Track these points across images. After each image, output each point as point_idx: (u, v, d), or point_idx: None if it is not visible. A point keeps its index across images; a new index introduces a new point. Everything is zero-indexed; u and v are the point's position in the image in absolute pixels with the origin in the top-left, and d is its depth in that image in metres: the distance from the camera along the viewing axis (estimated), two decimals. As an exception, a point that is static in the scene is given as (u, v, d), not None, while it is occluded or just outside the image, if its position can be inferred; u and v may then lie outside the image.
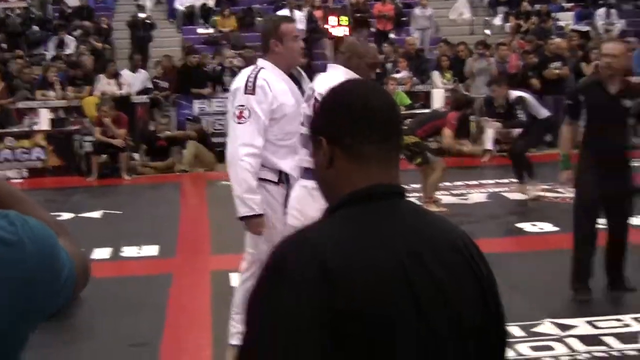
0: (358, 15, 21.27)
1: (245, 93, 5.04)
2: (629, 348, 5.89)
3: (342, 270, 1.64)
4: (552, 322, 6.35)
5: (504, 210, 10.79)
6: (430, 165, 10.57)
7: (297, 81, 5.33)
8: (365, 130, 1.83)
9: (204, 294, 7.56)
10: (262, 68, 5.15)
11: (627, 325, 6.28)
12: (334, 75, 4.91)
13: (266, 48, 5.22)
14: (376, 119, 1.84)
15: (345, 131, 1.83)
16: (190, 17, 22.01)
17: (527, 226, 9.54)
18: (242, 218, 5.08)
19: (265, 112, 5.04)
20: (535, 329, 6.22)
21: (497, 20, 22.05)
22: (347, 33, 16.82)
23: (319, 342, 1.62)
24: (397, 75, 16.79)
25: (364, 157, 1.82)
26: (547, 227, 9.58)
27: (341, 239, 1.70)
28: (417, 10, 21.34)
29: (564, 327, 6.27)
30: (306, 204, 4.81)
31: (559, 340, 6.05)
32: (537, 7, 21.73)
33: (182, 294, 7.61)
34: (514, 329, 6.12)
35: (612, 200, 6.87)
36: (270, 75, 5.11)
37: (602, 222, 6.94)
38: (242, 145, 5.01)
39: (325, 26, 16.56)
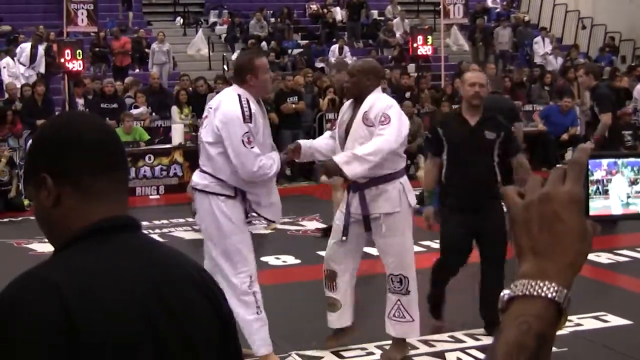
0: (97, 49, 20.86)
1: (244, 122, 5.68)
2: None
3: (82, 308, 1.54)
4: (297, 354, 6.33)
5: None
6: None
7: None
8: (93, 164, 1.73)
9: None
10: (247, 98, 5.77)
11: (370, 354, 6.35)
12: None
13: (241, 80, 5.80)
14: (103, 151, 1.76)
15: (72, 166, 1.72)
16: None
17: (270, 259, 9.51)
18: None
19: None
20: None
21: (235, 56, 22.26)
22: (81, 67, 16.37)
23: None
24: (135, 111, 16.44)
25: (95, 191, 1.72)
26: (290, 259, 9.62)
27: (79, 275, 1.60)
28: (155, 46, 21.17)
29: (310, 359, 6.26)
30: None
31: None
32: (273, 44, 22.18)
33: None
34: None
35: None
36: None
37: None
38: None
39: (61, 60, 15.97)
